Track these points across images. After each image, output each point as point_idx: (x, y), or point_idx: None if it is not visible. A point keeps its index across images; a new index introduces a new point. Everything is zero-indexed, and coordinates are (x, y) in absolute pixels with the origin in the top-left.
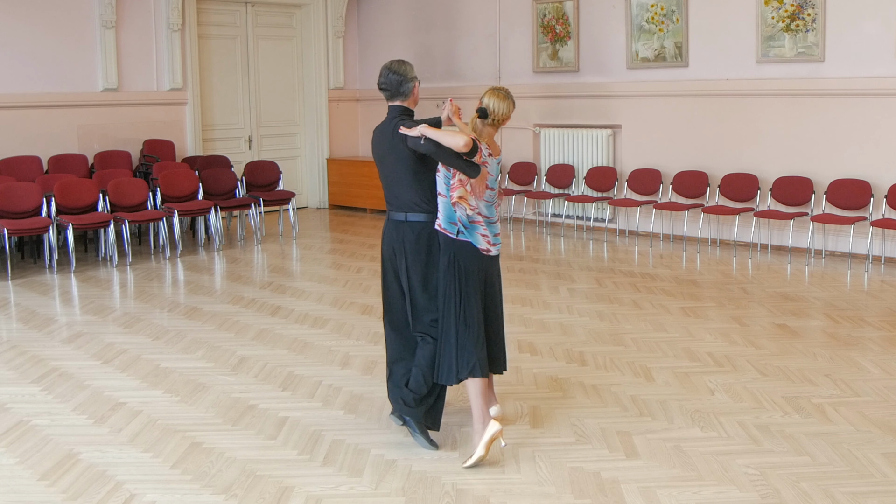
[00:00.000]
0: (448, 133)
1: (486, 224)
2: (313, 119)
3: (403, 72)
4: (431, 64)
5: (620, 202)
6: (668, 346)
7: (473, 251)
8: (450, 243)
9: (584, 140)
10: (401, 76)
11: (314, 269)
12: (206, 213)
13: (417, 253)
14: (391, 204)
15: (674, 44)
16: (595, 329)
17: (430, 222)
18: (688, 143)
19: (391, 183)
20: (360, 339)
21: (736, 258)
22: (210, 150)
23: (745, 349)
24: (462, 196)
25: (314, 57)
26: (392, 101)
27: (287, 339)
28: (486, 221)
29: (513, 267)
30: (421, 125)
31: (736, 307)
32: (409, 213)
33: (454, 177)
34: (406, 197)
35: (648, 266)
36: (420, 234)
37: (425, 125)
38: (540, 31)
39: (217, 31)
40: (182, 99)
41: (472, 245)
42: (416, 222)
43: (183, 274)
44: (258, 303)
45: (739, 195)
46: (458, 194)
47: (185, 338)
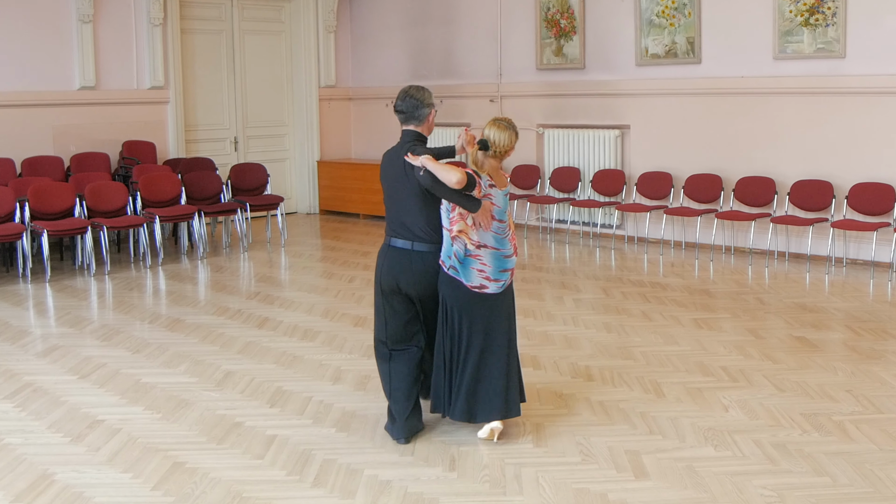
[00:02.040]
0: (445, 167)
1: (493, 257)
2: (303, 119)
3: (421, 97)
4: (428, 61)
5: (629, 207)
6: (679, 360)
7: (459, 288)
8: (444, 280)
9: (591, 141)
10: (417, 101)
11: (304, 278)
12: (190, 218)
13: (430, 283)
14: (395, 231)
15: (685, 39)
16: (602, 342)
17: (435, 252)
18: (700, 145)
19: (399, 210)
20: (353, 353)
21: (751, 266)
22: (193, 152)
23: (761, 363)
24: (462, 230)
25: (304, 53)
26: (406, 124)
27: (275, 352)
28: (497, 254)
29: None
30: (423, 156)
31: (751, 318)
32: (415, 243)
33: (453, 210)
34: (413, 225)
35: (659, 275)
36: (430, 263)
37: (427, 157)
38: (543, 26)
39: (201, 26)
40: (164, 98)
41: (460, 282)
42: (423, 252)
43: (165, 283)
44: (244, 314)
45: (755, 200)
46: (458, 228)
47: (167, 351)
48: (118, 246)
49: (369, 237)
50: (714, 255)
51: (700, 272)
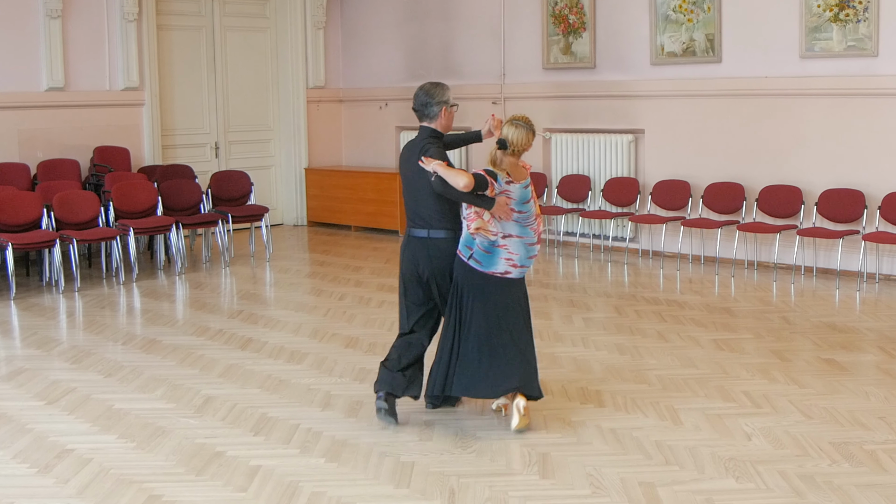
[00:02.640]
0: (453, 172)
1: (519, 245)
2: (289, 123)
3: (433, 94)
4: (426, 60)
5: (643, 218)
6: (698, 385)
7: (479, 276)
8: (459, 265)
9: (602, 147)
10: (429, 98)
11: (291, 295)
12: (167, 231)
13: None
14: (413, 221)
15: (705, 36)
16: (614, 364)
17: (453, 239)
18: (721, 151)
19: (417, 201)
20: (344, 376)
21: (776, 283)
22: (171, 159)
23: (786, 387)
24: (479, 227)
25: (290, 51)
26: (422, 121)
27: (259, 375)
28: (521, 242)
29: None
30: (435, 162)
31: (776, 339)
32: (431, 230)
33: (469, 208)
34: (430, 217)
35: (675, 292)
36: (445, 250)
37: (439, 163)
38: (551, 22)
39: (179, 22)
40: (138, 99)
41: (479, 271)
42: (440, 238)
43: (139, 301)
44: (226, 334)
45: (780, 210)
46: (476, 226)
47: (142, 374)
48: (89, 261)
49: (361, 251)
50: (735, 271)
51: (720, 289)
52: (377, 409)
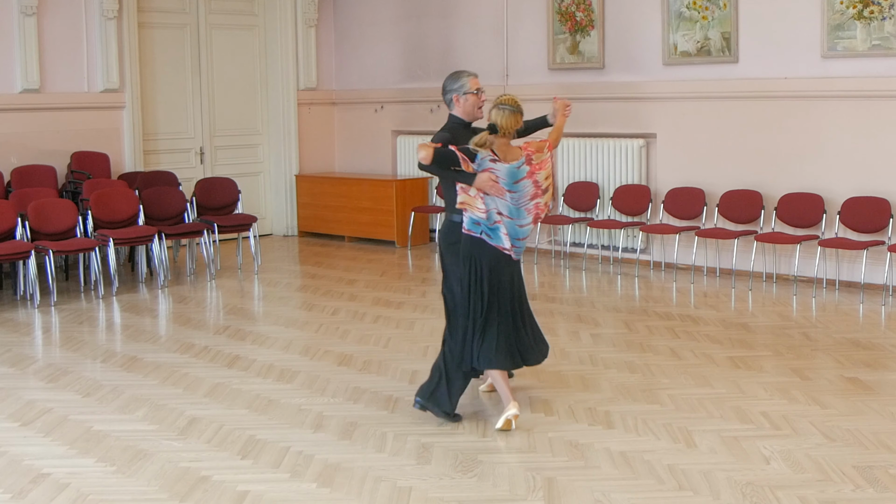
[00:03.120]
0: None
1: (509, 226)
2: (279, 127)
3: (445, 84)
4: (424, 59)
5: (655, 228)
6: (713, 405)
7: (491, 250)
8: (467, 241)
9: (611, 152)
10: (444, 88)
11: (280, 310)
12: (149, 241)
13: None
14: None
15: (720, 35)
16: (624, 383)
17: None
18: (737, 157)
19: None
20: (337, 396)
21: (796, 297)
22: (153, 165)
23: (807, 408)
24: (463, 202)
25: (280, 51)
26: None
27: (247, 395)
28: (511, 223)
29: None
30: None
31: (796, 357)
32: (453, 215)
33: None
34: (449, 200)
35: (689, 306)
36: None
37: (421, 143)
38: (557, 20)
39: (161, 19)
40: (119, 102)
41: (490, 245)
42: (457, 223)
43: (120, 316)
44: (212, 351)
45: (801, 220)
46: (460, 200)
47: (123, 394)
48: (66, 273)
49: (356, 263)
50: (753, 284)
51: (737, 303)
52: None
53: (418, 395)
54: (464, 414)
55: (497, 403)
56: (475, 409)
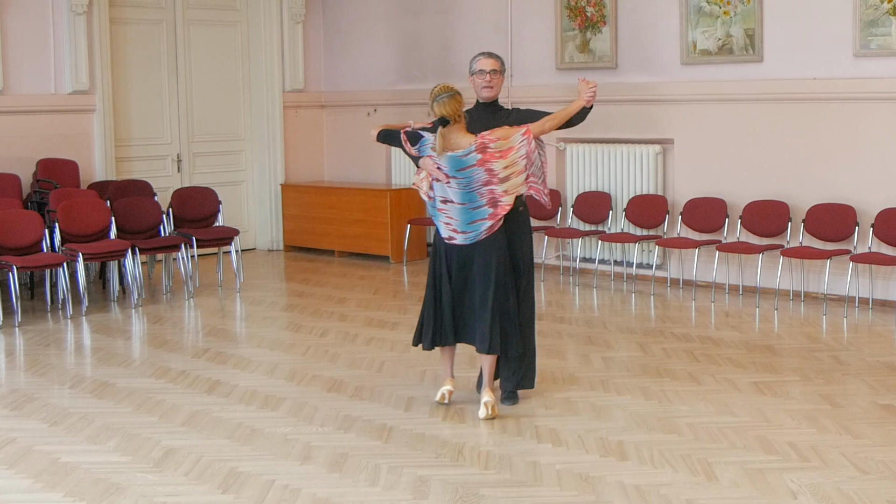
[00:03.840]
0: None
1: (456, 210)
2: (263, 132)
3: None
4: (421, 59)
5: (672, 242)
6: (735, 434)
7: (438, 236)
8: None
9: (624, 159)
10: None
11: (265, 331)
12: (121, 256)
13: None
14: None
15: (743, 31)
16: (639, 411)
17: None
18: (762, 164)
19: None
20: (326, 425)
21: (826, 316)
22: (126, 174)
23: (838, 437)
24: (414, 183)
25: (265, 49)
26: None
27: (228, 424)
28: (463, 208)
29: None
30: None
31: (826, 382)
32: None
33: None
34: None
35: (710, 327)
36: None
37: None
38: (565, 15)
39: (136, 15)
40: (89, 104)
41: (438, 231)
42: None
43: (90, 338)
44: (190, 376)
45: (831, 233)
46: (413, 180)
47: (93, 423)
48: (31, 291)
49: (346, 280)
50: (779, 303)
51: (762, 324)
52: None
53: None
54: (465, 444)
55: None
56: (476, 441)
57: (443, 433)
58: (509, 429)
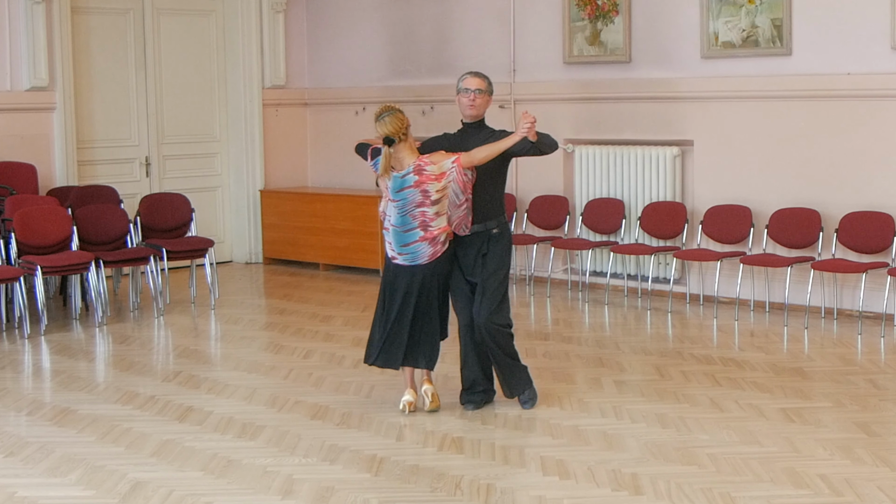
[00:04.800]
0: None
1: (393, 233)
2: (240, 133)
3: None
4: (414, 53)
5: (691, 254)
6: (761, 466)
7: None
8: None
9: (639, 163)
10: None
11: (242, 352)
12: (84, 270)
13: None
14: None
15: (770, 22)
16: (655, 440)
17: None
18: (790, 168)
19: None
20: (310, 455)
21: (861, 336)
22: (89, 178)
23: (875, 470)
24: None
25: (242, 41)
26: None
27: (202, 454)
28: (396, 231)
29: (534, 349)
30: None
31: (862, 408)
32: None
33: None
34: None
35: (733, 348)
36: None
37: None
38: (574, 4)
39: (100, 4)
40: (48, 102)
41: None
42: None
43: (49, 359)
44: (160, 402)
45: (866, 244)
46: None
47: (53, 453)
48: None
49: (332, 296)
50: (810, 321)
51: (791, 344)
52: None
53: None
54: (463, 477)
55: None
56: (475, 473)
57: (438, 465)
58: (512, 459)
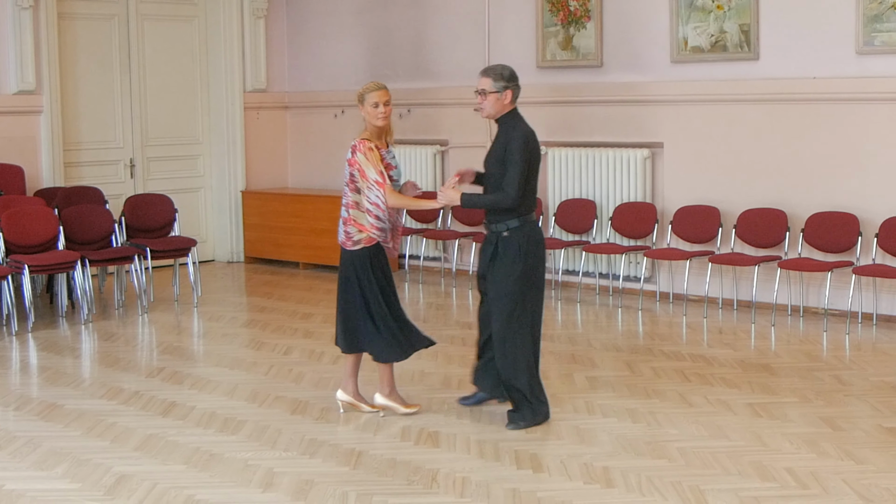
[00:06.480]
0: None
1: None
2: (222, 135)
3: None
4: (392, 56)
5: (661, 253)
6: (729, 460)
7: None
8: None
9: (610, 165)
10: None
11: (224, 349)
12: (70, 269)
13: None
14: (534, 206)
15: (738, 27)
16: (626, 435)
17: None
18: (758, 170)
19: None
20: (290, 449)
21: (827, 333)
22: (75, 180)
23: (840, 463)
24: None
25: (224, 46)
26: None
27: (185, 448)
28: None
29: None
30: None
31: (827, 403)
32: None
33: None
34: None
35: (702, 345)
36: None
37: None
38: (547, 10)
39: (86, 10)
40: (35, 106)
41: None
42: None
43: (36, 356)
44: (144, 397)
45: (832, 243)
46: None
47: (40, 447)
48: None
49: (312, 294)
50: (777, 319)
51: (758, 341)
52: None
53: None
54: (439, 470)
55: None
56: (451, 467)
57: (415, 458)
58: (487, 453)
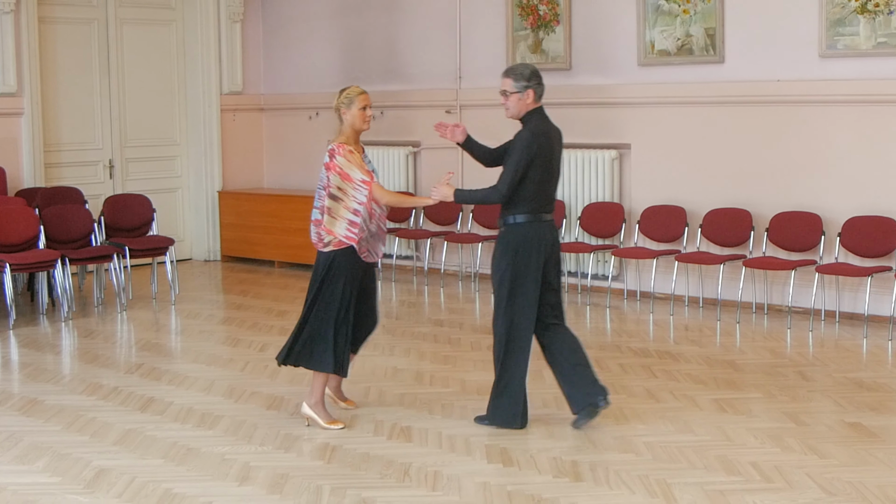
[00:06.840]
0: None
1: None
2: (199, 136)
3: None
4: (365, 60)
5: (629, 252)
6: (695, 454)
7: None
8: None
9: (578, 165)
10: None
11: (201, 345)
12: (50, 267)
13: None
14: (547, 206)
15: (704, 31)
16: (594, 430)
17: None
18: (723, 171)
19: (553, 184)
20: (266, 444)
21: (791, 330)
22: (55, 180)
23: (803, 457)
24: None
25: (201, 49)
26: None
27: (163, 443)
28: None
29: (479, 343)
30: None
31: (791, 399)
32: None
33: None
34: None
35: (668, 341)
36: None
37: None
38: (516, 14)
39: (66, 13)
40: (16, 108)
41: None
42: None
43: (17, 352)
44: (123, 393)
45: (796, 243)
46: None
47: (21, 442)
48: None
49: (287, 292)
50: (741, 316)
51: (723, 338)
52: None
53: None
54: (411, 464)
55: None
56: (423, 461)
57: (388, 452)
58: (458, 448)
